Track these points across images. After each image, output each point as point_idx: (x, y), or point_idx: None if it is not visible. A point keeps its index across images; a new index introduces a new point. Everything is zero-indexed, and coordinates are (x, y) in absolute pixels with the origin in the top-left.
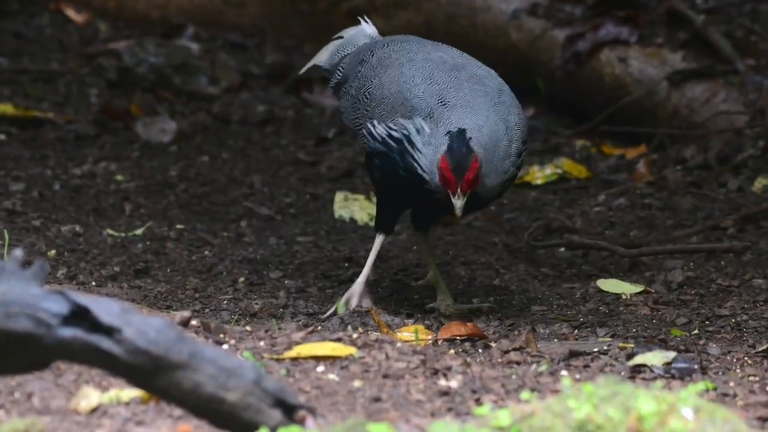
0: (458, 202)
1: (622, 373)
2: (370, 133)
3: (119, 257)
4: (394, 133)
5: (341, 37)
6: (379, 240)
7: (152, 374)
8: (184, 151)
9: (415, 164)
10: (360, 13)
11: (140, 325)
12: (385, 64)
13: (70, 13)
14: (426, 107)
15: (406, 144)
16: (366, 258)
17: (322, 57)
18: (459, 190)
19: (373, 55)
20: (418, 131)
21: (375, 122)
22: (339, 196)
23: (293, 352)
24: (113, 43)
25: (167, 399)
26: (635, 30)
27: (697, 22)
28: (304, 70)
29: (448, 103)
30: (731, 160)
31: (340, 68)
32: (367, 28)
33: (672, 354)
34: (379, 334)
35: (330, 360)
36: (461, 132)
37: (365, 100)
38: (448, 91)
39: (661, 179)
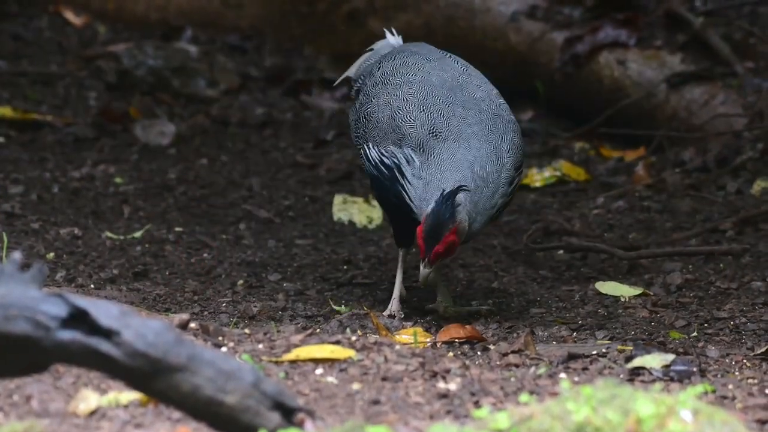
0: (424, 271)
1: (621, 376)
2: (366, 156)
3: (118, 260)
4: (385, 160)
5: (372, 49)
6: (400, 254)
7: (151, 377)
8: (183, 153)
9: (404, 194)
10: (359, 15)
11: (139, 327)
12: (385, 82)
13: (69, 15)
14: (416, 137)
15: (396, 173)
16: (365, 261)
17: (352, 69)
18: (427, 259)
19: (379, 70)
20: (408, 161)
21: (370, 145)
22: (338, 199)
23: (292, 355)
24: (112, 45)
25: (166, 402)
26: (634, 32)
27: (695, 24)
28: (337, 82)
29: (439, 135)
30: (730, 163)
31: (359, 81)
32: (391, 39)
33: (671, 356)
34: (377, 336)
35: (329, 363)
36: (452, 195)
37: (364, 120)
38: (441, 120)
39: (659, 182)
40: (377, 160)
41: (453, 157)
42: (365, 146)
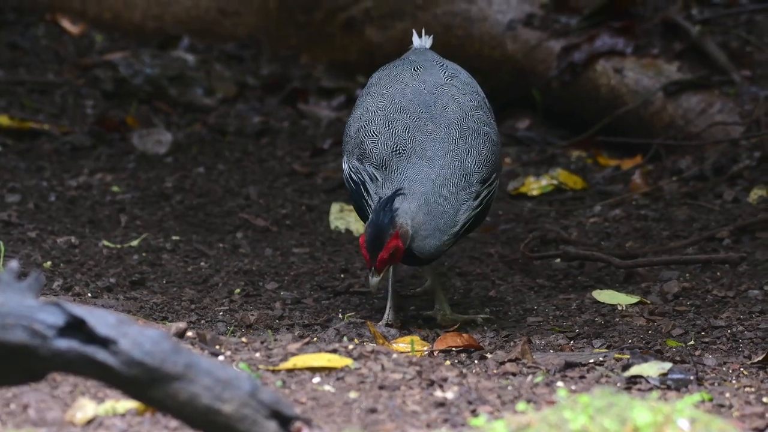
0: (372, 280)
1: (618, 384)
2: (342, 168)
3: (115, 268)
4: (353, 176)
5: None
6: None
7: (148, 385)
8: (180, 162)
9: (368, 210)
10: (356, 24)
11: (136, 336)
12: (366, 94)
13: (66, 24)
14: (379, 155)
15: (362, 189)
16: (362, 269)
17: None
18: (372, 268)
19: (370, 80)
20: (371, 179)
21: (345, 158)
22: (335, 207)
23: (289, 364)
24: (109, 54)
25: (163, 410)
26: (631, 41)
27: (692, 32)
28: None
29: (403, 153)
30: (727, 171)
31: None
32: (416, 42)
33: (668, 365)
34: (374, 345)
35: (326, 371)
36: (389, 201)
37: (346, 131)
38: (405, 137)
39: (656, 190)
40: (347, 175)
41: (416, 175)
42: (343, 158)
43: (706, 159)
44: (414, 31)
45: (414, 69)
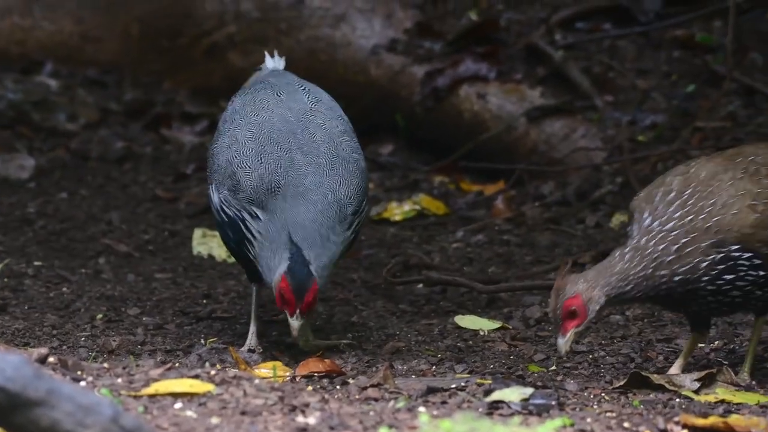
0: (295, 323)
1: (480, 409)
2: (210, 197)
3: None
4: (226, 209)
5: (259, 68)
6: (254, 289)
7: (9, 411)
8: (43, 187)
9: (250, 248)
10: (219, 50)
11: None
12: (232, 120)
13: None
14: (254, 191)
15: (242, 226)
16: (225, 295)
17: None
18: (297, 311)
19: (231, 104)
20: (252, 216)
21: (213, 187)
22: (197, 233)
23: (151, 389)
24: None
25: None
26: (494, 66)
27: (555, 58)
28: None
29: (278, 191)
30: (589, 196)
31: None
32: (269, 63)
33: (529, 390)
34: (237, 370)
35: (188, 397)
36: (300, 252)
37: (211, 159)
38: (279, 172)
39: (519, 215)
40: (218, 206)
41: (296, 217)
42: (210, 186)
43: (569, 184)
44: (266, 52)
45: (277, 94)
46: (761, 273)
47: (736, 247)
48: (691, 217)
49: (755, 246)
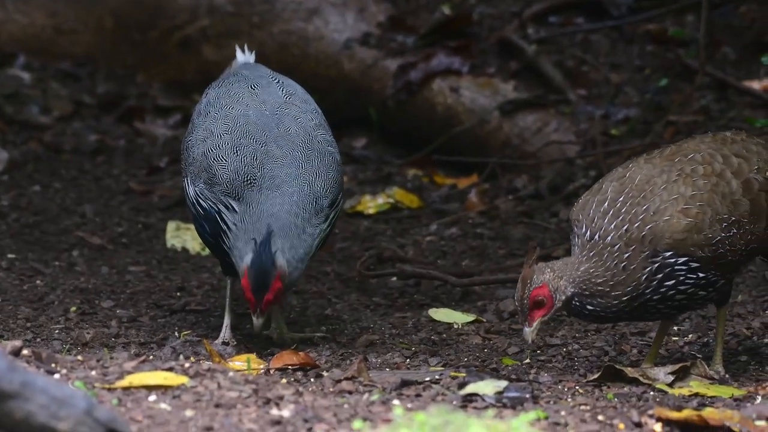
0: (257, 321)
1: (454, 402)
2: (185, 190)
3: None
4: (202, 202)
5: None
6: (228, 282)
7: None
8: (16, 180)
9: (224, 238)
10: (192, 43)
11: None
12: (206, 113)
13: None
14: (230, 183)
15: (219, 219)
16: (199, 288)
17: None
18: (258, 310)
19: (205, 97)
20: (227, 208)
21: (189, 180)
22: (171, 226)
23: (125, 382)
24: None
25: None
26: (467, 60)
27: (528, 52)
28: None
29: (254, 183)
30: (562, 190)
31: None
32: (240, 57)
33: (503, 383)
34: (211, 363)
35: (162, 389)
36: (266, 244)
37: (185, 152)
38: (254, 165)
39: (492, 209)
40: (194, 199)
41: (272, 209)
42: (185, 180)
43: (542, 178)
44: (237, 46)
45: (251, 87)
46: (701, 275)
47: (670, 253)
48: (626, 226)
49: (689, 251)
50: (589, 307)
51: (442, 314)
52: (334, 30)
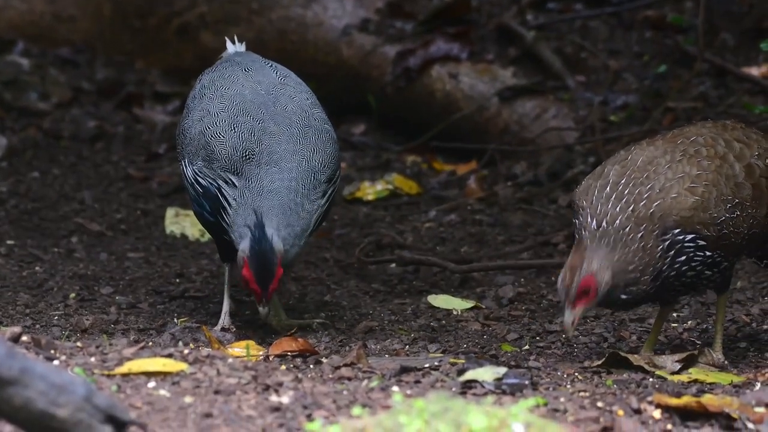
0: (264, 310)
1: (453, 389)
2: (183, 172)
3: None
4: (201, 180)
5: (221, 58)
6: (226, 268)
7: None
8: (15, 166)
9: (224, 215)
10: (191, 30)
11: None
12: (201, 96)
13: None
14: (228, 159)
15: (217, 193)
16: (198, 274)
17: None
18: (264, 299)
19: (199, 82)
20: (227, 183)
21: (186, 162)
22: (170, 212)
23: (124, 368)
24: None
25: None
26: (466, 46)
27: (527, 38)
28: None
29: (253, 158)
30: (561, 176)
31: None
32: (230, 48)
33: (503, 369)
34: (210, 349)
35: (161, 376)
36: (261, 229)
37: (181, 135)
38: (252, 141)
39: (491, 195)
40: (192, 179)
41: (272, 183)
42: (182, 162)
43: (541, 164)
44: (227, 38)
45: (245, 70)
46: (707, 253)
47: (678, 230)
48: (632, 206)
49: (695, 228)
50: (623, 296)
51: (441, 301)
52: (333, 16)
